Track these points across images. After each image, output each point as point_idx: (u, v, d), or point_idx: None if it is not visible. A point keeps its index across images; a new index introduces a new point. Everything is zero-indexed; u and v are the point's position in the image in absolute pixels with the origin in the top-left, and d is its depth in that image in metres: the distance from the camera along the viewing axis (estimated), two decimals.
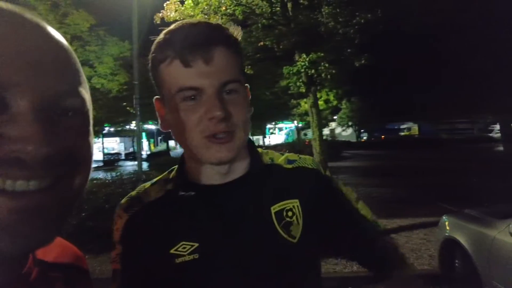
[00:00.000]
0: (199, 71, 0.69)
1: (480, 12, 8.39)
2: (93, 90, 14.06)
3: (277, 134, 41.58)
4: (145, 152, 35.58)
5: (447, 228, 3.99)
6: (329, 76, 6.92)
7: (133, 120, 19.39)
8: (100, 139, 35.77)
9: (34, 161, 0.37)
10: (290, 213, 0.80)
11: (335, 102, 26.23)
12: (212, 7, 7.28)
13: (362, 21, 6.87)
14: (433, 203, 7.62)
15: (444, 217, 4.22)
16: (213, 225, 0.78)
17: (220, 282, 0.75)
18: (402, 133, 45.52)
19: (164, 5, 7.87)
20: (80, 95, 0.45)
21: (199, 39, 0.70)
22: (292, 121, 32.16)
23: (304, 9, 7.60)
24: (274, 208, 0.80)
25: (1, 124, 0.37)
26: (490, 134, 36.10)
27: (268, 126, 39.04)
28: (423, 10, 7.52)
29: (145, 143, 39.07)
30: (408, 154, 24.62)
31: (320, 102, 23.75)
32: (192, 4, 7.38)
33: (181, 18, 7.80)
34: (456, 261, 3.84)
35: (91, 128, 0.48)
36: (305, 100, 25.29)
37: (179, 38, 0.71)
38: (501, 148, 22.78)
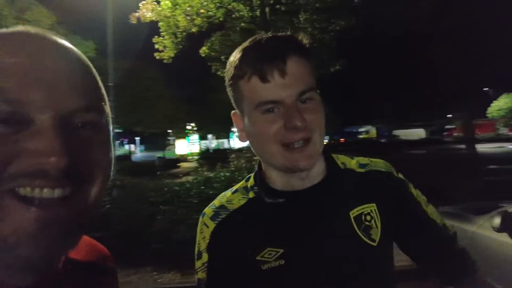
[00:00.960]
0: (277, 84, 0.72)
1: (445, 24, 9.05)
2: None
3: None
4: None
5: None
6: None
7: None
8: None
9: (57, 171, 0.40)
10: (368, 217, 0.82)
11: None
12: (195, 9, 7.19)
13: (338, 28, 7.14)
14: None
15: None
16: (296, 230, 0.79)
17: (305, 286, 0.77)
18: (361, 136, 47.48)
19: (140, 5, 7.65)
20: (99, 109, 0.49)
21: (273, 53, 0.72)
22: None
23: (282, 14, 7.75)
24: (353, 213, 0.81)
25: (26, 138, 0.40)
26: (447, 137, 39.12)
27: (233, 129, 39.01)
28: (391, 21, 7.97)
29: None
30: (368, 155, 25.69)
31: None
32: (170, 5, 7.24)
33: (158, 19, 7.63)
34: None
35: (111, 140, 0.52)
36: None
37: (255, 55, 0.74)
38: (452, 148, 24.73)
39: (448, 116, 41.43)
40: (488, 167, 12.33)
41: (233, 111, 0.85)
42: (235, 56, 0.78)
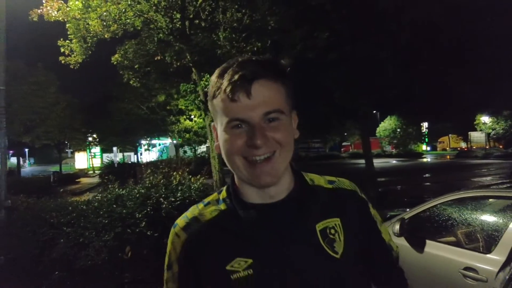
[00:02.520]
0: (243, 104, 0.77)
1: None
2: None
3: (149, 151, 39.62)
4: None
5: None
6: None
7: None
8: None
9: None
10: (332, 231, 0.87)
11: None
12: (113, 15, 6.70)
13: (255, 48, 7.52)
14: None
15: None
16: (264, 241, 0.82)
17: None
18: None
19: (44, 1, 6.80)
20: None
21: (242, 75, 0.77)
22: (169, 137, 31.37)
23: (202, 29, 7.81)
24: (319, 226, 0.86)
25: None
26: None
27: (142, 142, 36.93)
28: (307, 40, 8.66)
29: None
30: None
31: (200, 120, 24.07)
32: (81, 7, 6.62)
33: (65, 20, 6.89)
34: None
35: None
36: (184, 116, 25.33)
37: (228, 76, 0.79)
38: (348, 163, 27.72)
39: (345, 134, 46.58)
40: (378, 179, 14.17)
41: (212, 123, 0.91)
42: (215, 74, 0.83)
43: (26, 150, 43.20)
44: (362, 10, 8.26)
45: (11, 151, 32.05)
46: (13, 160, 32.17)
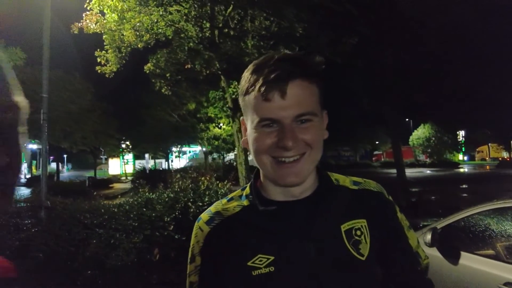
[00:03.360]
0: (276, 104, 0.76)
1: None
2: None
3: (180, 158, 40.51)
4: (23, 175, 30.45)
5: None
6: None
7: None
8: None
9: None
10: (358, 232, 0.85)
11: None
12: (145, 25, 7.04)
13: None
14: None
15: None
16: (287, 239, 0.81)
17: None
18: None
19: (83, 15, 7.26)
20: None
21: (277, 75, 0.76)
22: (199, 145, 31.97)
23: (230, 38, 7.97)
24: (344, 227, 0.84)
25: None
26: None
27: (173, 149, 37.87)
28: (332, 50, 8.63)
29: (24, 165, 33.30)
30: None
31: (228, 128, 24.39)
32: (116, 19, 6.99)
33: (102, 31, 7.30)
34: None
35: (11, 139, 0.49)
36: (213, 124, 25.79)
37: (261, 73, 0.78)
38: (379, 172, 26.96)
39: (376, 142, 45.40)
40: (410, 189, 13.65)
41: (242, 117, 0.90)
42: (248, 70, 0.83)
43: (65, 156, 45.46)
44: (390, 16, 8.12)
45: (51, 157, 33.97)
46: (53, 165, 33.96)
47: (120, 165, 42.09)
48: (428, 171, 34.37)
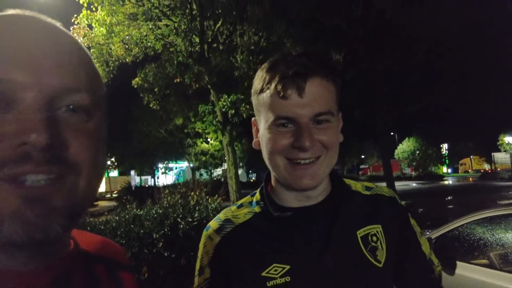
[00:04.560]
0: (294, 102, 0.73)
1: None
2: None
3: (166, 175, 39.97)
4: None
5: None
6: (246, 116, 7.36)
7: None
8: None
9: (38, 151, 0.40)
10: (374, 238, 0.82)
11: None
12: (134, 39, 7.03)
13: None
14: None
15: None
16: (303, 247, 0.78)
17: None
18: None
19: (71, 28, 7.20)
20: (89, 92, 0.47)
21: (295, 71, 0.73)
22: (186, 160, 31.70)
23: (220, 52, 8.03)
24: (360, 233, 0.81)
25: (9, 120, 0.40)
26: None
27: (160, 165, 37.41)
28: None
29: None
30: None
31: (216, 143, 24.32)
32: (105, 33, 6.96)
33: (90, 45, 7.24)
34: None
35: (102, 130, 0.51)
36: (201, 139, 25.67)
37: (278, 71, 0.75)
38: None
39: (362, 156, 46.02)
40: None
41: (253, 118, 0.87)
42: (263, 68, 0.80)
43: None
44: (378, 29, 8.35)
45: None
46: None
47: (105, 182, 41.34)
48: (414, 184, 34.90)
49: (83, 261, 0.56)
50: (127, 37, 7.08)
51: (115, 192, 34.56)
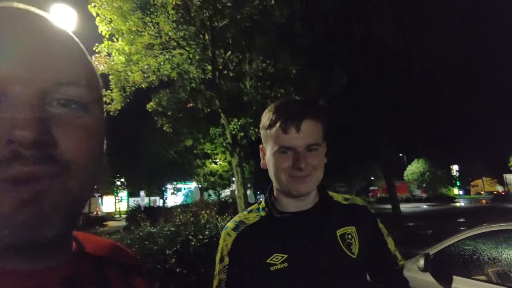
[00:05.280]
0: (293, 136, 1.00)
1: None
2: None
3: (175, 195, 40.15)
4: None
5: None
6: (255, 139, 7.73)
7: None
8: None
9: (25, 148, 0.38)
10: (350, 236, 1.08)
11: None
12: (152, 68, 7.59)
13: (279, 95, 8.07)
14: None
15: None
16: (297, 240, 1.03)
17: (303, 285, 1.00)
18: None
19: (93, 57, 7.78)
20: (83, 85, 0.45)
21: (294, 115, 1.01)
22: (195, 181, 31.92)
23: (230, 79, 8.53)
24: (339, 232, 1.07)
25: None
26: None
27: (168, 186, 37.62)
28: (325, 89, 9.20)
29: None
30: None
31: (224, 163, 24.61)
32: (124, 61, 7.52)
33: (108, 72, 7.80)
34: None
35: (100, 125, 0.48)
36: (210, 160, 26.02)
37: (281, 113, 1.03)
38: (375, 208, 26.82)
39: (371, 178, 45.44)
40: (407, 224, 13.65)
41: (261, 145, 1.15)
42: (270, 110, 1.08)
43: None
44: (376, 52, 8.69)
45: None
46: None
47: (114, 203, 41.53)
48: (425, 206, 34.27)
49: (92, 264, 0.54)
50: (145, 67, 7.63)
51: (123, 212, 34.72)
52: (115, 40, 7.64)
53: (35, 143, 0.38)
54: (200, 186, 30.00)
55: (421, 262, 3.38)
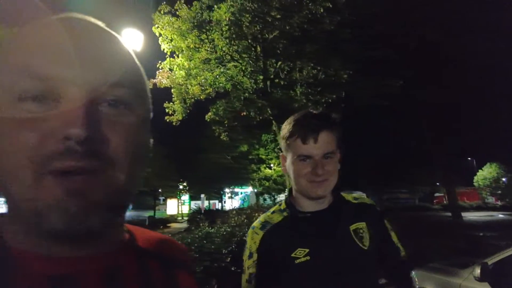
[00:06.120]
0: (311, 146, 1.13)
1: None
2: None
3: (233, 199, 41.29)
4: None
5: (416, 281, 4.55)
6: None
7: None
8: None
9: (77, 144, 0.41)
10: (361, 231, 1.19)
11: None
12: (209, 81, 8.27)
13: (330, 100, 8.16)
14: None
15: (412, 272, 4.80)
16: (316, 236, 1.17)
17: (324, 274, 1.12)
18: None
19: (157, 73, 8.71)
20: (131, 87, 0.48)
21: (312, 127, 1.14)
22: (250, 185, 32.59)
23: (281, 87, 8.86)
24: (352, 227, 1.19)
25: (53, 117, 0.42)
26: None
27: (226, 190, 38.88)
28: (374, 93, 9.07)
29: None
30: None
31: (278, 168, 24.85)
32: (184, 75, 8.28)
33: (171, 85, 8.61)
34: None
35: (145, 124, 0.51)
36: (264, 165, 26.50)
37: (301, 125, 1.17)
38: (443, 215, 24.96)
39: (437, 184, 42.11)
40: (473, 234, 12.60)
41: (281, 153, 1.31)
42: (289, 122, 1.22)
43: None
44: (428, 56, 8.32)
45: None
46: None
47: (177, 206, 43.75)
48: (501, 215, 30.94)
49: (137, 255, 0.55)
50: (203, 80, 8.31)
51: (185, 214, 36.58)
52: (175, 56, 8.46)
53: (87, 140, 0.41)
54: (256, 190, 30.55)
55: (477, 271, 3.28)
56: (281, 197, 34.90)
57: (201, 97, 8.97)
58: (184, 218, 34.24)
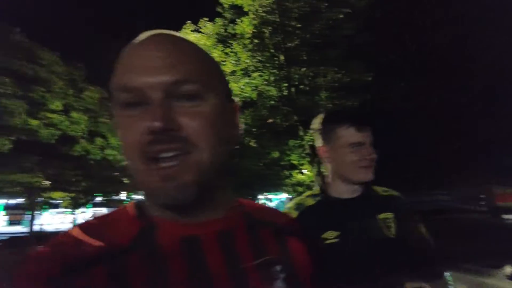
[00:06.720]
0: (364, 134, 1.25)
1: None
2: (103, 160, 14.75)
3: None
4: None
5: (451, 282, 4.45)
6: None
7: (122, 190, 19.87)
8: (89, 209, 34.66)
9: (161, 134, 0.50)
10: (388, 220, 1.24)
11: None
12: (235, 91, 8.63)
13: (355, 103, 8.16)
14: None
15: (446, 273, 4.69)
16: (346, 221, 1.22)
17: (352, 255, 1.17)
18: None
19: None
20: (203, 83, 0.55)
21: (360, 118, 1.28)
22: (283, 192, 32.42)
23: (305, 93, 9.00)
24: (380, 217, 1.25)
25: (141, 115, 0.52)
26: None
27: (260, 197, 38.99)
28: (404, 95, 8.96)
29: None
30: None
31: (311, 174, 24.67)
32: None
33: None
34: None
35: (214, 111, 0.56)
36: (297, 171, 26.35)
37: (347, 117, 1.30)
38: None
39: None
40: None
41: (319, 146, 1.38)
42: (329, 112, 1.42)
43: None
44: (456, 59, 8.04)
45: None
46: None
47: None
48: None
49: (247, 221, 0.63)
50: None
51: None
52: None
53: (165, 129, 0.50)
54: (290, 196, 30.37)
55: (509, 269, 3.25)
56: None
57: None
58: None
